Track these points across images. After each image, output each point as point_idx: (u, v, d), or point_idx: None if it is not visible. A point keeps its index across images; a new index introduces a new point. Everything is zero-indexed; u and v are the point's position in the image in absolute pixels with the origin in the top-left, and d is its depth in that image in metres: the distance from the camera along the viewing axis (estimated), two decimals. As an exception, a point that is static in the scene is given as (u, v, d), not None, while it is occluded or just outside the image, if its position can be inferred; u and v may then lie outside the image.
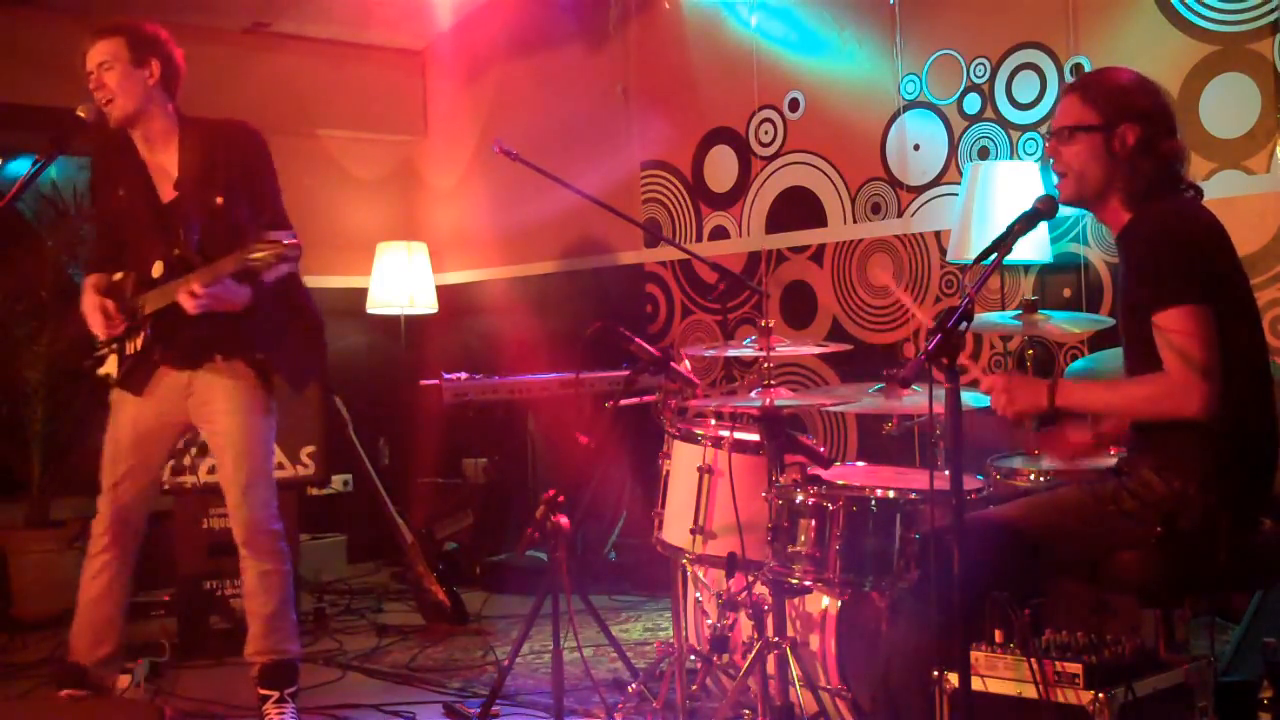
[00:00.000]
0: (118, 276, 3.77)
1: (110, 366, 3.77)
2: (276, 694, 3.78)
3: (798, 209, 5.71)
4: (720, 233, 6.02)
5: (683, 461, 3.54)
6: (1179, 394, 2.68)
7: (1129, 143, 2.85)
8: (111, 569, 3.76)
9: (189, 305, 3.50)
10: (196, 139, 3.71)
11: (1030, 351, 4.60)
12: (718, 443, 3.46)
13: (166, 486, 4.95)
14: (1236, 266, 2.85)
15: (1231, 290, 2.80)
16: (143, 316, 3.67)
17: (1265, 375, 2.82)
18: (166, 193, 3.71)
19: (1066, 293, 4.82)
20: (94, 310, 3.71)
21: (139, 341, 3.70)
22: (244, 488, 3.71)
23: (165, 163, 3.73)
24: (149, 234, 3.68)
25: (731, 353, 3.68)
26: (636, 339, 3.80)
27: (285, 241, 3.33)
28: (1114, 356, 3.89)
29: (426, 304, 6.88)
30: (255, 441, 3.73)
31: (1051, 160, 2.95)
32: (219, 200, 3.64)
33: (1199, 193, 2.93)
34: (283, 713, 3.77)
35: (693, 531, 3.44)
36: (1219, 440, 2.71)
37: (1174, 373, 2.69)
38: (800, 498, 3.12)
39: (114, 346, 3.76)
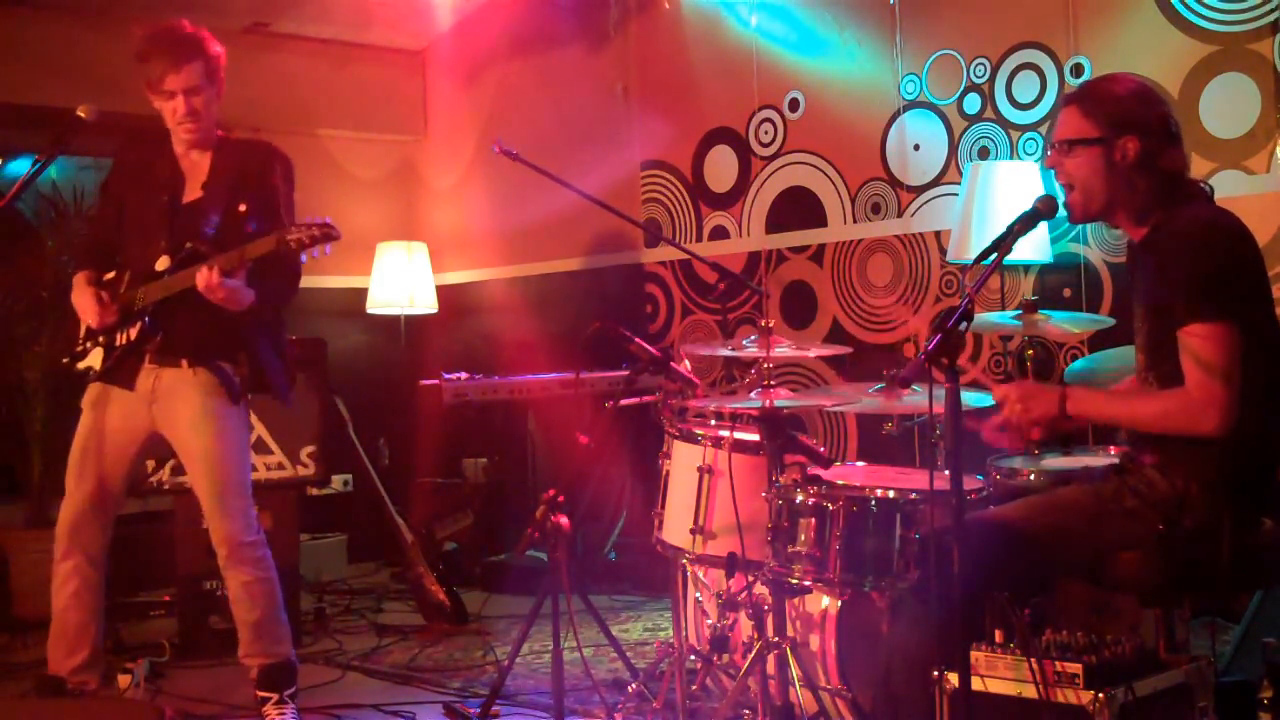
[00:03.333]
0: (108, 276, 3.77)
1: (93, 359, 3.75)
2: (276, 695, 3.78)
3: (798, 209, 5.71)
4: (720, 233, 6.02)
5: (683, 461, 3.54)
6: (1196, 412, 2.68)
7: (1130, 156, 2.83)
8: (77, 577, 3.72)
9: (204, 282, 3.48)
10: (232, 151, 3.78)
11: (1030, 351, 4.59)
12: (718, 443, 3.46)
13: (166, 486, 4.96)
14: (1262, 271, 2.83)
15: (1255, 294, 2.79)
16: (141, 307, 3.67)
17: (1274, 378, 2.82)
18: (191, 193, 3.75)
19: (1066, 293, 4.82)
20: (89, 300, 3.70)
21: (132, 332, 3.68)
22: (215, 499, 3.68)
23: (194, 169, 3.77)
24: (159, 231, 3.69)
25: (731, 352, 3.68)
26: (636, 339, 3.80)
27: (324, 223, 3.38)
28: (1113, 356, 3.90)
29: (426, 304, 6.88)
30: (223, 451, 3.68)
31: (1055, 171, 2.94)
32: (242, 207, 3.68)
33: (1210, 194, 2.92)
34: (283, 713, 3.78)
35: (693, 531, 3.44)
36: (1227, 441, 2.70)
37: (1194, 390, 2.69)
38: (800, 498, 3.12)
39: (101, 340, 3.74)
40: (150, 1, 5.44)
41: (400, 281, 6.78)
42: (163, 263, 3.66)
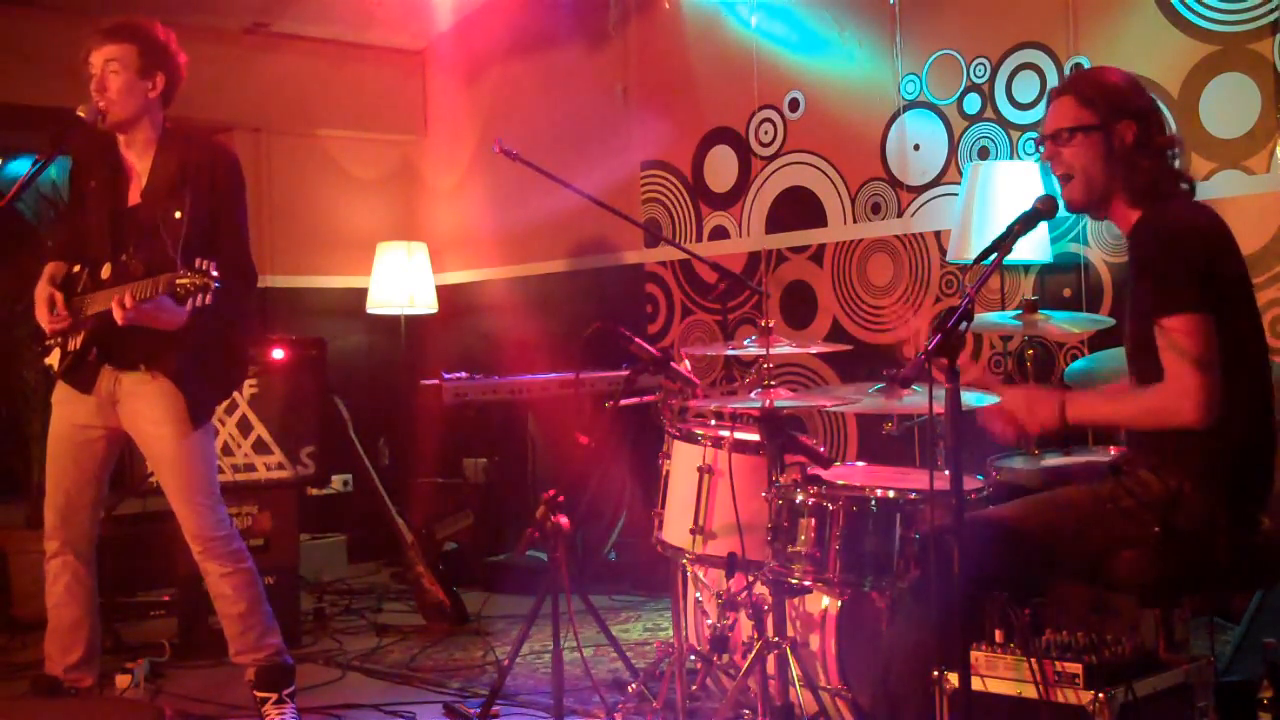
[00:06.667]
0: (76, 269, 3.73)
1: (54, 358, 3.74)
2: (274, 695, 3.78)
3: (798, 209, 5.71)
4: (720, 233, 6.02)
5: (683, 461, 3.54)
6: (1176, 405, 2.69)
7: (1128, 140, 2.85)
8: (67, 573, 3.73)
9: (117, 315, 3.45)
10: (174, 150, 3.67)
11: (1030, 351, 4.60)
12: (718, 443, 3.46)
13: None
14: (1241, 267, 2.85)
15: (1236, 292, 2.80)
16: (84, 316, 3.64)
17: (1265, 375, 2.83)
18: (133, 197, 3.68)
19: (1066, 293, 4.82)
20: (42, 301, 3.68)
21: (77, 340, 3.66)
22: (181, 498, 3.68)
23: (140, 168, 3.70)
24: (106, 235, 3.65)
25: (731, 352, 3.68)
26: (636, 339, 3.80)
27: (211, 274, 3.29)
28: (1114, 357, 3.90)
29: (426, 304, 6.88)
30: (185, 452, 3.66)
31: (1050, 164, 2.94)
32: (177, 214, 3.58)
33: (1192, 188, 2.94)
34: (282, 713, 3.78)
35: (693, 531, 3.44)
36: (1217, 439, 2.71)
37: (1172, 383, 2.70)
38: (800, 498, 3.12)
39: (58, 340, 3.72)
40: (151, 2, 5.44)
41: (400, 281, 6.78)
42: (106, 271, 3.62)
